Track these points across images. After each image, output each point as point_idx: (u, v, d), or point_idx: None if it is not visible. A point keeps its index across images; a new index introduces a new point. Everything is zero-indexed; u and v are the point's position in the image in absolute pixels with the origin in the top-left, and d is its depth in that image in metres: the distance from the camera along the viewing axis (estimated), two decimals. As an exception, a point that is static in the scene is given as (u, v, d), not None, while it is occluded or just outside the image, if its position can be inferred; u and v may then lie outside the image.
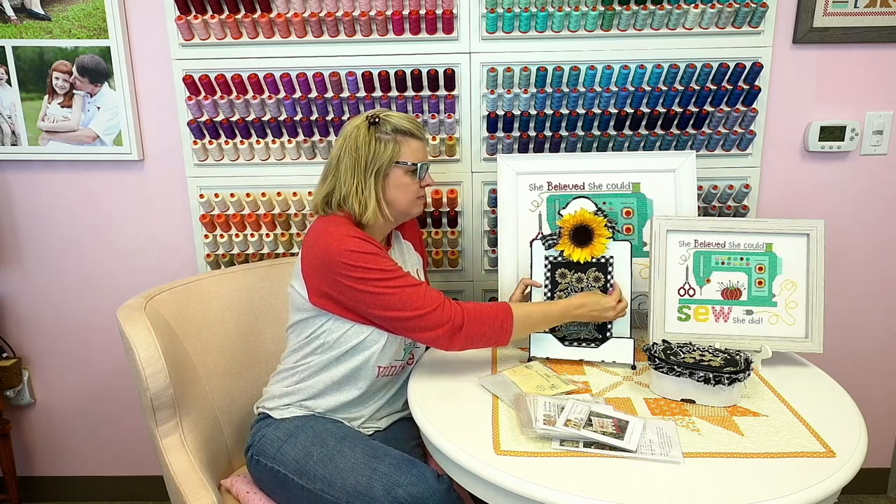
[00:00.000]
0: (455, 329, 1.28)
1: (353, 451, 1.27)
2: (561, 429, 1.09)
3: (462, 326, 1.28)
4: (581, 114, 1.73)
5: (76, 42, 1.76)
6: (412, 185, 1.38)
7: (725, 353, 1.30)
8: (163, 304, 1.46)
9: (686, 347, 1.32)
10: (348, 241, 1.27)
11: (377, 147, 1.33)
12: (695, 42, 1.70)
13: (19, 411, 2.11)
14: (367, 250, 1.27)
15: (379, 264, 1.28)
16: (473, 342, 1.31)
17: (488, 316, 1.31)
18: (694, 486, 0.99)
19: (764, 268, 1.44)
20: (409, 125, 1.36)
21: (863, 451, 1.08)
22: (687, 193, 1.60)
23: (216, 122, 1.76)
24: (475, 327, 1.29)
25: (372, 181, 1.34)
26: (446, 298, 1.31)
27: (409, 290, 1.28)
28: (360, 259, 1.26)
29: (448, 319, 1.28)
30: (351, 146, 1.35)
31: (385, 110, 1.39)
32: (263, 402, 1.44)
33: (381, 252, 1.30)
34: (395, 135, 1.35)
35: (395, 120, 1.35)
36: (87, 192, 1.91)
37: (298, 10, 1.68)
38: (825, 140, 1.79)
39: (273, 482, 1.33)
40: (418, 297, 1.28)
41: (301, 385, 1.39)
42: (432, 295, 1.29)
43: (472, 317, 1.29)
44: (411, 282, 1.30)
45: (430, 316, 1.27)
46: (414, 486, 1.17)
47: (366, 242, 1.29)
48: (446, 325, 1.27)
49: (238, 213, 1.82)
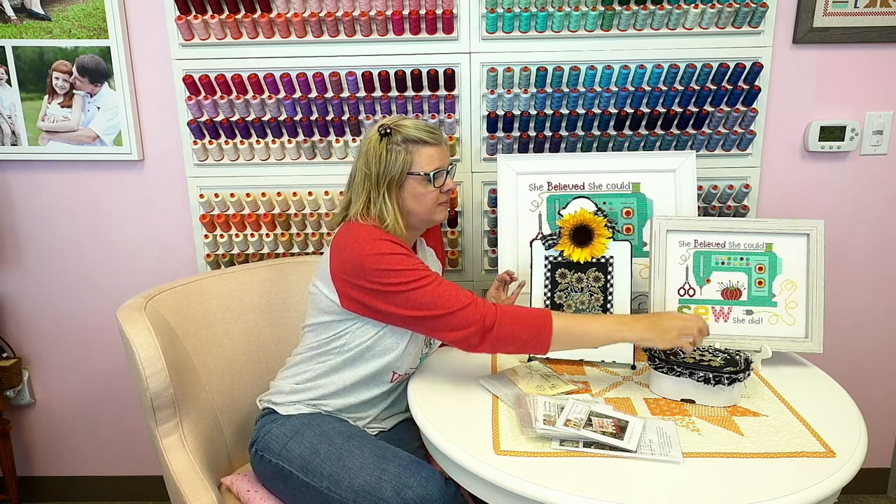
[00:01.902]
0: (486, 328, 1.23)
1: (361, 451, 1.26)
2: (561, 429, 1.09)
3: (493, 326, 1.23)
4: (581, 114, 1.73)
5: (76, 42, 1.76)
6: (430, 193, 1.34)
7: (725, 352, 1.30)
8: (163, 304, 1.46)
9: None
10: (379, 244, 1.27)
11: (388, 158, 1.31)
12: (695, 42, 1.70)
13: (19, 411, 2.11)
14: (397, 251, 1.27)
15: (410, 264, 1.26)
16: (506, 345, 1.25)
17: (525, 318, 1.24)
18: (694, 486, 0.99)
19: (764, 268, 1.44)
20: (421, 133, 1.32)
21: (863, 451, 1.08)
22: (687, 193, 1.60)
23: (216, 122, 1.76)
24: (508, 328, 1.23)
25: (385, 193, 1.32)
26: (478, 297, 1.28)
27: (441, 287, 1.26)
28: (391, 261, 1.25)
29: (480, 318, 1.23)
30: (364, 159, 1.34)
31: (399, 118, 1.36)
32: (270, 397, 1.43)
33: (410, 253, 1.30)
34: (407, 144, 1.32)
35: (406, 129, 1.32)
36: (87, 192, 1.91)
37: (298, 10, 1.68)
38: (825, 140, 1.79)
39: (277, 479, 1.33)
40: (450, 295, 1.25)
41: (312, 384, 1.39)
42: (463, 293, 1.27)
43: (506, 317, 1.24)
44: (442, 280, 1.28)
45: (461, 313, 1.24)
46: (423, 488, 1.17)
47: (396, 244, 1.28)
48: (477, 324, 1.23)
49: (238, 213, 1.82)
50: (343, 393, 1.38)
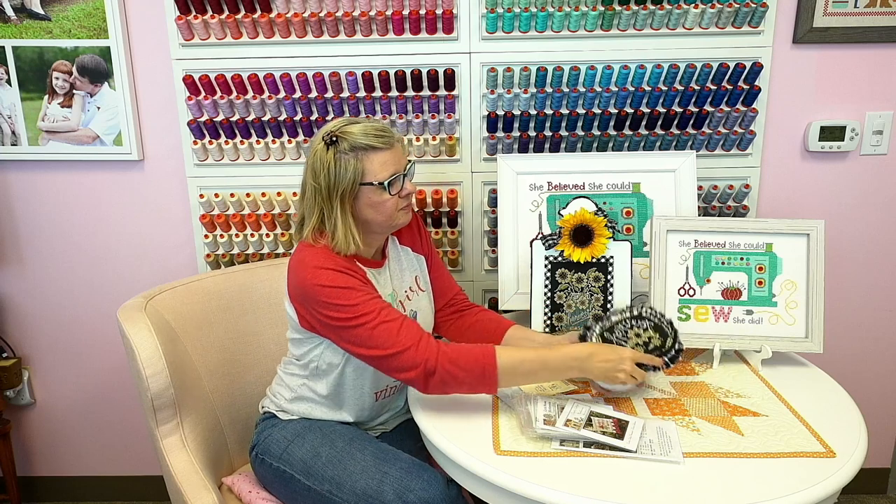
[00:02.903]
0: (428, 373, 1.15)
1: (362, 454, 1.26)
2: (561, 429, 1.09)
3: (435, 371, 1.15)
4: (581, 114, 1.73)
5: (76, 42, 1.76)
6: (388, 201, 1.23)
7: (650, 318, 1.29)
8: (163, 304, 1.46)
9: (619, 324, 1.29)
10: (320, 274, 1.19)
11: (337, 169, 1.20)
12: (695, 42, 1.70)
13: (19, 411, 2.11)
14: (338, 284, 1.18)
15: (349, 299, 1.18)
16: (453, 388, 1.17)
17: (465, 360, 1.15)
18: (694, 486, 0.99)
19: (764, 268, 1.44)
20: (370, 139, 1.21)
21: (863, 451, 1.08)
22: (687, 193, 1.60)
23: (216, 122, 1.76)
24: (451, 372, 1.15)
25: (338, 206, 1.22)
26: (425, 336, 1.18)
27: (383, 326, 1.17)
28: (330, 295, 1.18)
29: (421, 362, 1.15)
30: (311, 172, 1.24)
31: (346, 122, 1.24)
32: (268, 403, 1.44)
33: (355, 286, 1.20)
34: (356, 152, 1.20)
35: (353, 136, 1.20)
36: (87, 192, 1.91)
37: (298, 10, 1.68)
38: (825, 140, 1.79)
39: (278, 482, 1.33)
40: (391, 335, 1.16)
41: (302, 406, 1.38)
42: (408, 332, 1.17)
43: (447, 359, 1.15)
44: (386, 317, 1.18)
45: (401, 356, 1.15)
46: (425, 492, 1.16)
47: (340, 274, 1.20)
48: (418, 368, 1.15)
49: (238, 213, 1.82)
50: (333, 413, 1.37)
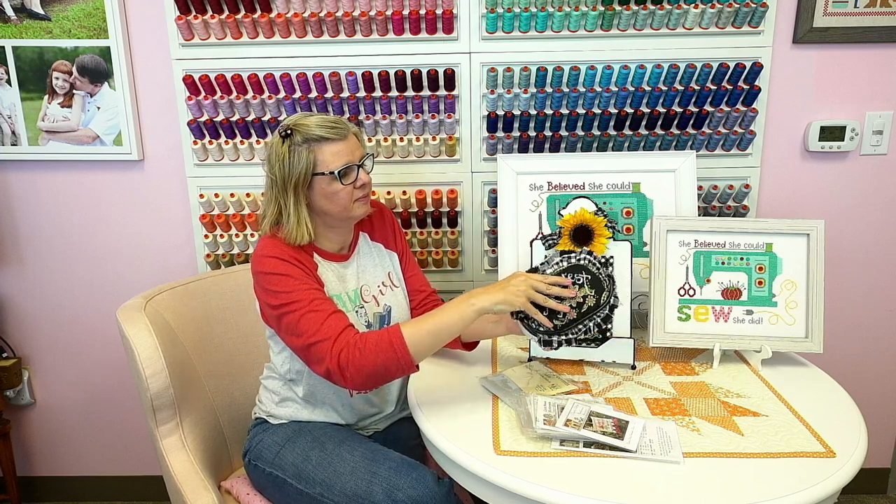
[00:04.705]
0: (342, 366, 1.14)
1: (352, 455, 1.26)
2: (561, 429, 1.09)
3: (348, 363, 1.14)
4: (581, 114, 1.73)
5: (76, 42, 1.76)
6: (342, 191, 1.26)
7: (588, 267, 1.27)
8: (163, 304, 1.46)
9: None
10: (264, 262, 1.24)
11: (291, 160, 1.23)
12: (695, 42, 1.70)
13: (19, 411, 2.11)
14: (277, 271, 1.22)
15: (285, 286, 1.20)
16: (370, 376, 1.15)
17: (373, 341, 1.15)
18: (694, 486, 0.99)
19: (764, 268, 1.44)
20: (322, 130, 1.24)
21: (863, 451, 1.08)
22: (687, 193, 1.60)
23: (216, 122, 1.76)
24: (362, 357, 1.13)
25: (292, 197, 1.25)
26: (348, 330, 1.17)
27: (310, 315, 1.17)
28: (270, 281, 1.22)
29: (335, 354, 1.14)
30: (269, 165, 1.28)
31: (302, 116, 1.28)
32: (258, 410, 1.45)
33: (293, 273, 1.22)
34: (309, 144, 1.24)
35: (306, 127, 1.24)
36: (87, 192, 1.91)
37: (298, 10, 1.68)
38: (825, 140, 1.79)
39: (272, 487, 1.33)
40: (313, 325, 1.16)
41: (288, 409, 1.40)
42: (331, 325, 1.17)
43: (356, 349, 1.14)
44: (315, 307, 1.18)
45: (317, 347, 1.15)
46: (414, 490, 1.17)
47: (280, 262, 1.23)
48: (332, 361, 1.14)
49: (238, 213, 1.82)
50: (314, 407, 1.38)
